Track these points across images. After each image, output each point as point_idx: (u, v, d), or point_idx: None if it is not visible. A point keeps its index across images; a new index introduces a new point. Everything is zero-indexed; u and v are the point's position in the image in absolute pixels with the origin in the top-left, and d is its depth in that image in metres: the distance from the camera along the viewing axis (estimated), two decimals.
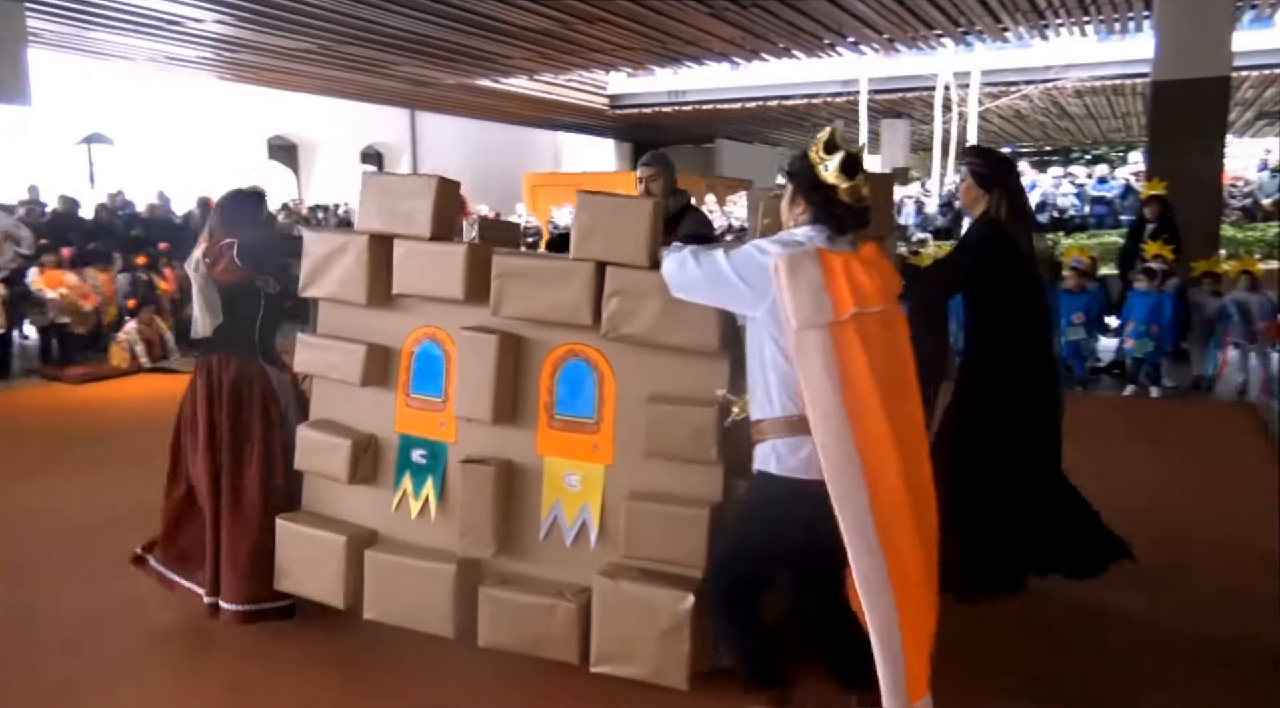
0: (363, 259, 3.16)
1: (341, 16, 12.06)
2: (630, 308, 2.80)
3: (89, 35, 12.92)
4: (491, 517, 2.98)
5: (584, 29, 13.24)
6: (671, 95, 21.22)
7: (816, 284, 2.37)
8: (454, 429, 3.12)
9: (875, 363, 2.36)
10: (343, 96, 19.52)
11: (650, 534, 2.81)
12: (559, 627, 2.88)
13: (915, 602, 2.36)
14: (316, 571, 3.22)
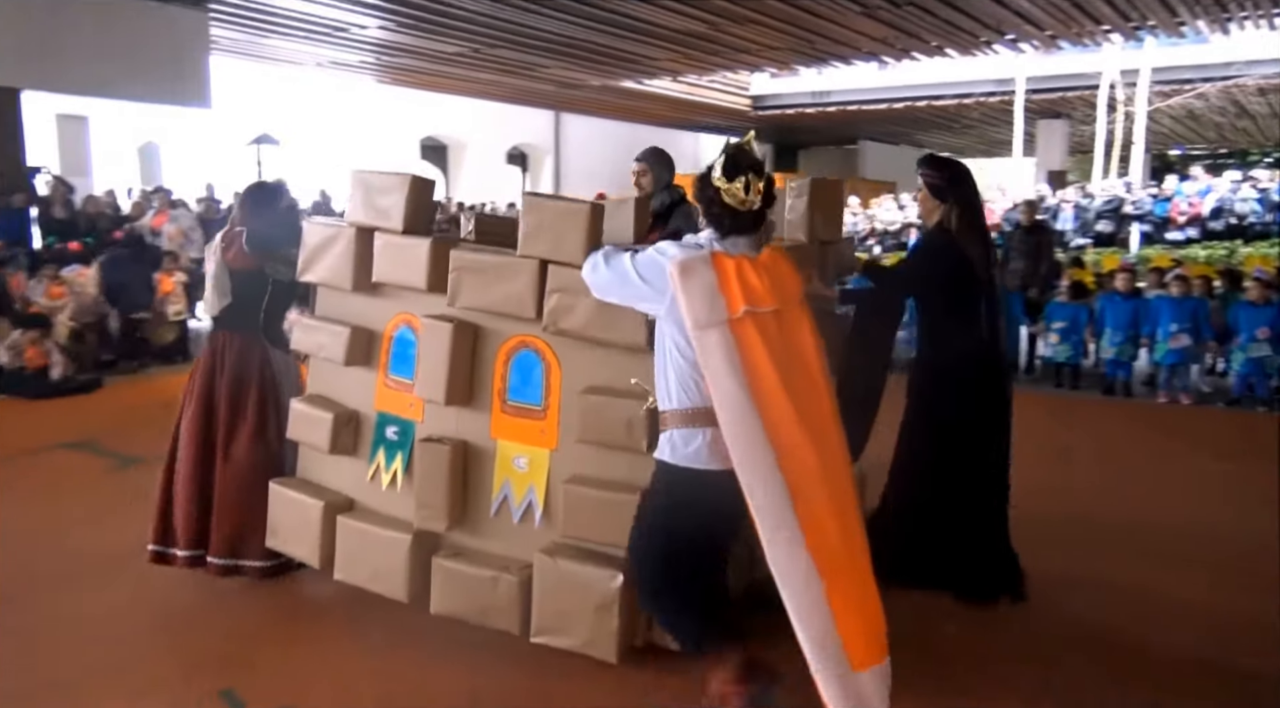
0: (349, 249, 3.44)
1: (495, 20, 12.38)
2: (568, 304, 2.99)
3: (263, 42, 13.69)
4: (446, 493, 3.20)
5: (732, 30, 13.15)
6: (815, 96, 20.88)
7: (710, 286, 2.51)
8: (421, 409, 3.35)
9: (775, 356, 2.50)
10: (491, 99, 20.06)
11: (585, 516, 3.00)
12: (502, 599, 3.10)
13: (844, 574, 2.47)
14: (299, 532, 3.53)
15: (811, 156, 29.35)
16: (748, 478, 2.46)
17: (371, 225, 3.40)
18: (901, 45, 14.16)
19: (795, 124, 23.52)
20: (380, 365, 3.47)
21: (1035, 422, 7.43)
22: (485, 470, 3.23)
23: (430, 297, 3.26)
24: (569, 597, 2.98)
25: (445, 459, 3.18)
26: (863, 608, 2.50)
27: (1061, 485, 5.30)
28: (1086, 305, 8.51)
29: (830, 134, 26.19)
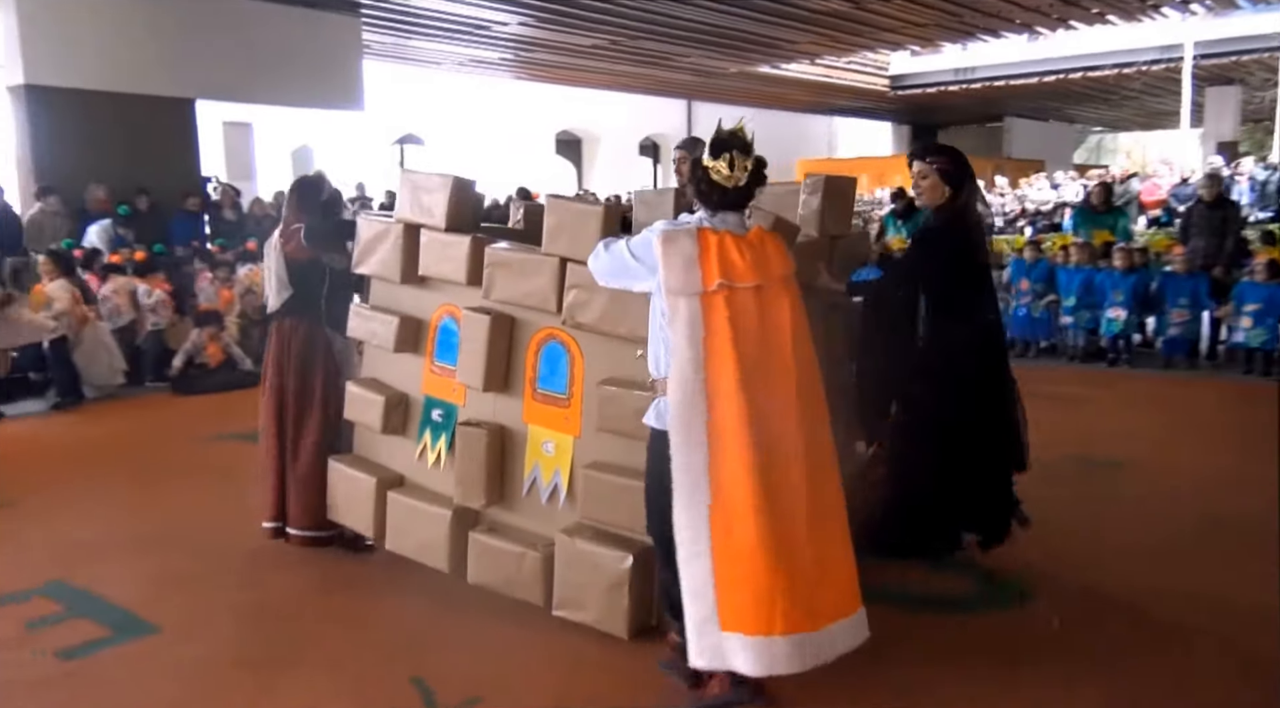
0: (398, 244, 3.72)
1: (634, 10, 12.35)
2: (585, 300, 3.19)
3: (409, 44, 14.11)
4: (482, 473, 3.45)
5: (875, 8, 12.74)
6: (958, 73, 20.02)
7: (690, 257, 2.65)
8: (463, 394, 3.60)
9: (740, 333, 2.63)
10: (626, 90, 20.10)
11: (602, 500, 3.20)
12: (527, 573, 3.34)
13: (755, 543, 2.57)
14: (355, 505, 3.84)
15: (951, 137, 28.22)
16: (677, 438, 2.64)
17: (418, 222, 3.67)
18: (1059, 14, 13.40)
19: (935, 103, 22.66)
20: (427, 352, 3.74)
21: (1222, 410, 6.92)
22: (518, 453, 3.48)
23: (470, 290, 3.52)
24: (585, 575, 3.19)
25: (482, 442, 3.45)
26: (783, 576, 2.58)
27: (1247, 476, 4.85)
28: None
29: (973, 112, 25.12)
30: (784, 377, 2.67)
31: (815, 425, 2.74)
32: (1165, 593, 3.60)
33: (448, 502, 3.57)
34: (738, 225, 2.74)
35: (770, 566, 2.58)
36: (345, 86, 12.00)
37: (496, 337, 3.42)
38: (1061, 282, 8.59)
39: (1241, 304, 7.89)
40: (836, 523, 2.73)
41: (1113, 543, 4.14)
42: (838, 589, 2.69)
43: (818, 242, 3.70)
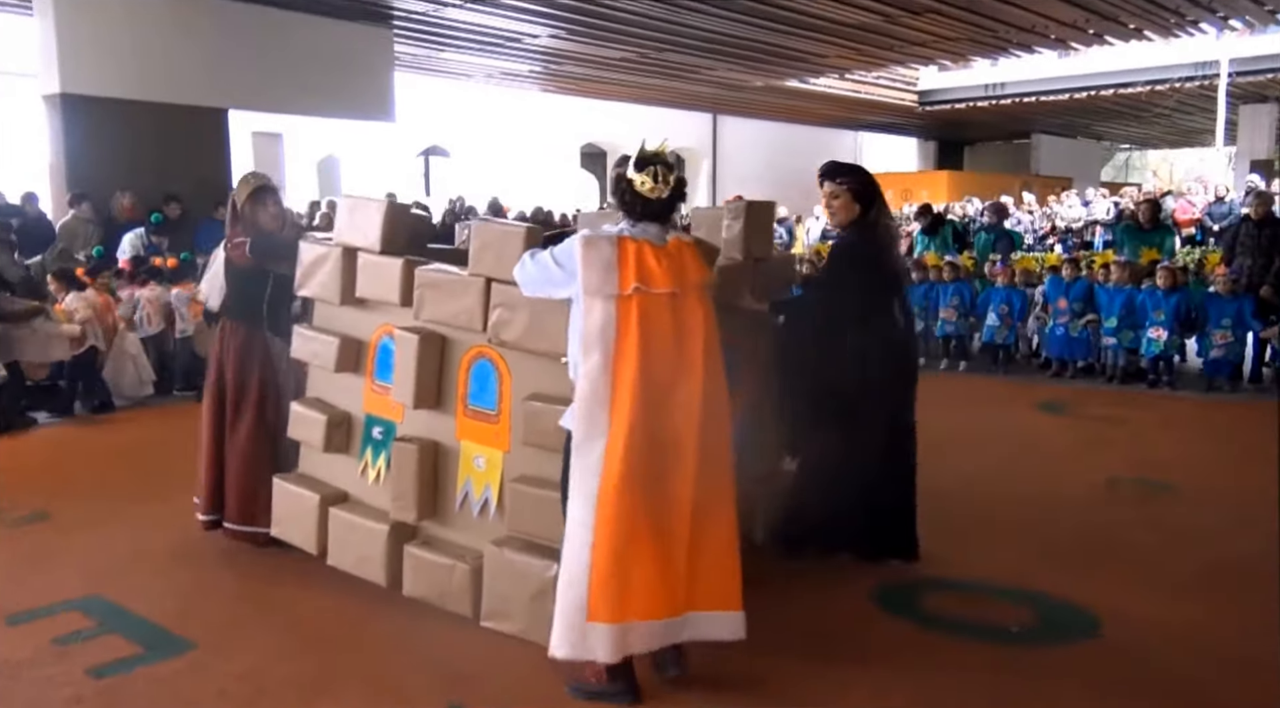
0: (337, 266, 3.86)
1: (663, 23, 12.31)
2: (508, 318, 3.33)
3: (440, 56, 14.13)
4: (415, 487, 3.58)
5: (907, 21, 12.62)
6: (988, 89, 19.89)
7: (609, 262, 2.81)
8: (401, 411, 3.72)
9: (651, 337, 2.79)
10: (651, 103, 20.07)
11: (527, 512, 3.33)
12: (458, 585, 3.45)
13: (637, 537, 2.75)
14: (298, 522, 3.95)
15: (979, 153, 28.09)
16: (579, 433, 2.81)
17: (355, 245, 3.81)
18: (1095, 29, 13.23)
19: (963, 119, 22.51)
20: (367, 371, 3.87)
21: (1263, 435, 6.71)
22: (451, 468, 3.60)
23: (404, 310, 3.67)
24: (512, 585, 3.30)
25: (414, 457, 3.58)
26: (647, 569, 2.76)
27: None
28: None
29: (1000, 128, 24.95)
30: (691, 381, 2.82)
31: (716, 430, 2.88)
32: (1239, 623, 3.45)
33: (386, 517, 3.69)
34: (658, 236, 2.90)
35: (638, 556, 2.76)
36: (376, 98, 12.02)
37: (427, 355, 3.56)
38: (1102, 301, 8.42)
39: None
40: (723, 525, 2.88)
41: (1179, 570, 3.99)
42: (714, 586, 2.87)
43: (741, 264, 3.87)
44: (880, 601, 3.70)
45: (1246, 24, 13.55)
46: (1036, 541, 4.35)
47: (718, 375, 2.90)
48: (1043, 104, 20.12)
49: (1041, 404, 7.54)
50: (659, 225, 2.93)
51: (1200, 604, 3.64)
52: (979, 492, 5.09)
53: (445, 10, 11.30)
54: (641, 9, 11.52)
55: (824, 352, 3.89)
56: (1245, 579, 3.86)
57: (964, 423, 6.87)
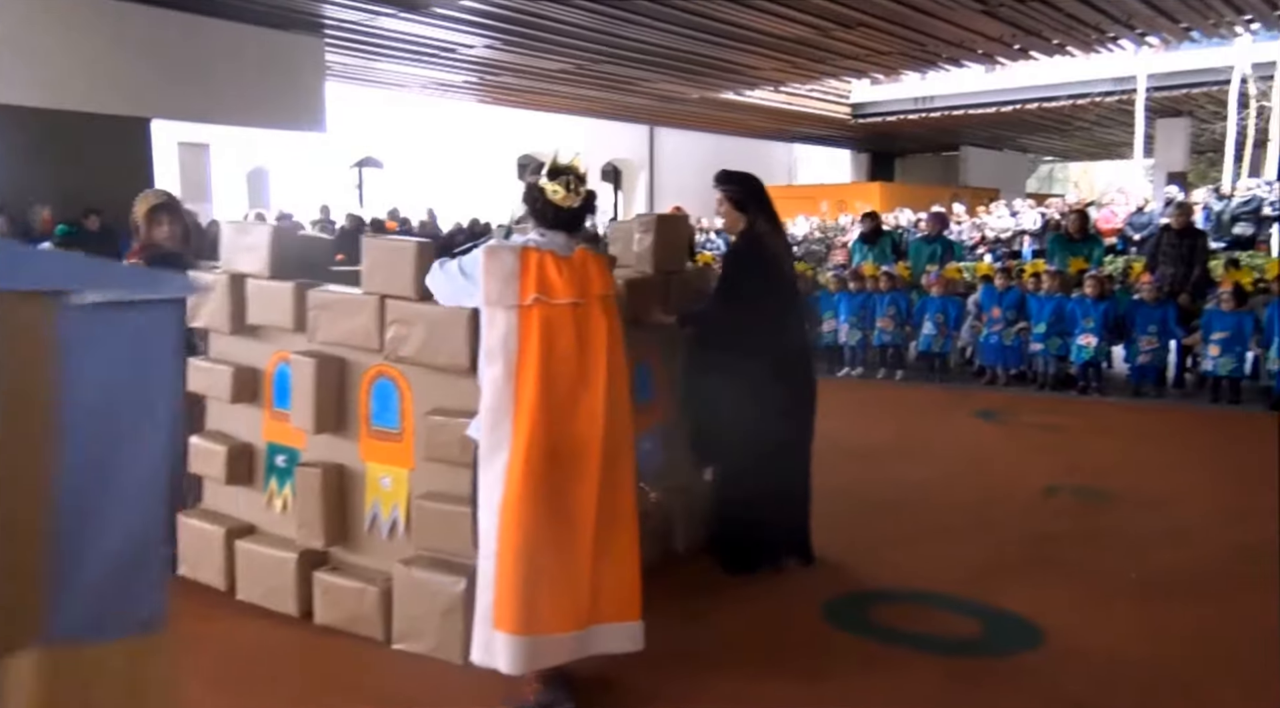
0: (225, 295, 3.81)
1: (601, 35, 12.30)
2: (404, 334, 3.32)
3: (374, 66, 13.91)
4: (320, 512, 3.54)
5: (840, 35, 12.81)
6: (918, 102, 20.33)
7: (510, 271, 2.82)
8: (303, 437, 3.67)
9: (551, 348, 2.79)
10: (589, 115, 20.07)
11: (434, 529, 3.31)
12: (368, 608, 3.41)
13: (542, 546, 2.75)
14: (205, 558, 3.86)
15: (909, 165, 28.66)
16: (484, 443, 2.84)
17: (243, 272, 3.77)
18: (1020, 44, 13.58)
19: (895, 132, 22.96)
20: (266, 400, 3.81)
21: (1196, 438, 6.94)
22: (358, 491, 3.58)
23: (299, 335, 3.63)
24: (421, 604, 3.27)
25: (317, 481, 3.54)
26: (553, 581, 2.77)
27: (1245, 508, 4.83)
28: (1252, 314, 7.89)
29: (930, 141, 25.51)
30: (594, 392, 2.83)
31: (619, 441, 2.90)
32: (1178, 633, 3.51)
33: (294, 545, 3.64)
34: (564, 246, 2.92)
35: (542, 568, 2.76)
36: (307, 108, 11.78)
37: (325, 379, 3.52)
38: (1033, 309, 8.61)
39: (1209, 333, 7.96)
40: (624, 535, 2.89)
41: (1118, 579, 4.04)
42: (614, 597, 2.87)
43: (652, 278, 3.89)
44: (828, 613, 3.68)
45: (1163, 40, 14.05)
46: (980, 550, 4.38)
47: (622, 387, 2.92)
48: (970, 117, 20.61)
49: (978, 412, 7.66)
50: (567, 235, 2.95)
51: (1139, 613, 3.69)
52: (923, 501, 5.13)
53: (378, 19, 11.12)
54: (578, 21, 11.50)
55: (721, 360, 3.90)
56: (1182, 588, 3.93)
57: (905, 432, 6.95)
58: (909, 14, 11.69)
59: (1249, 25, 13.06)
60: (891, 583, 3.95)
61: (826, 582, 3.96)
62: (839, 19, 11.86)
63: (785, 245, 4.23)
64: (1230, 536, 4.54)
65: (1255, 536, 4.50)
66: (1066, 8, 11.54)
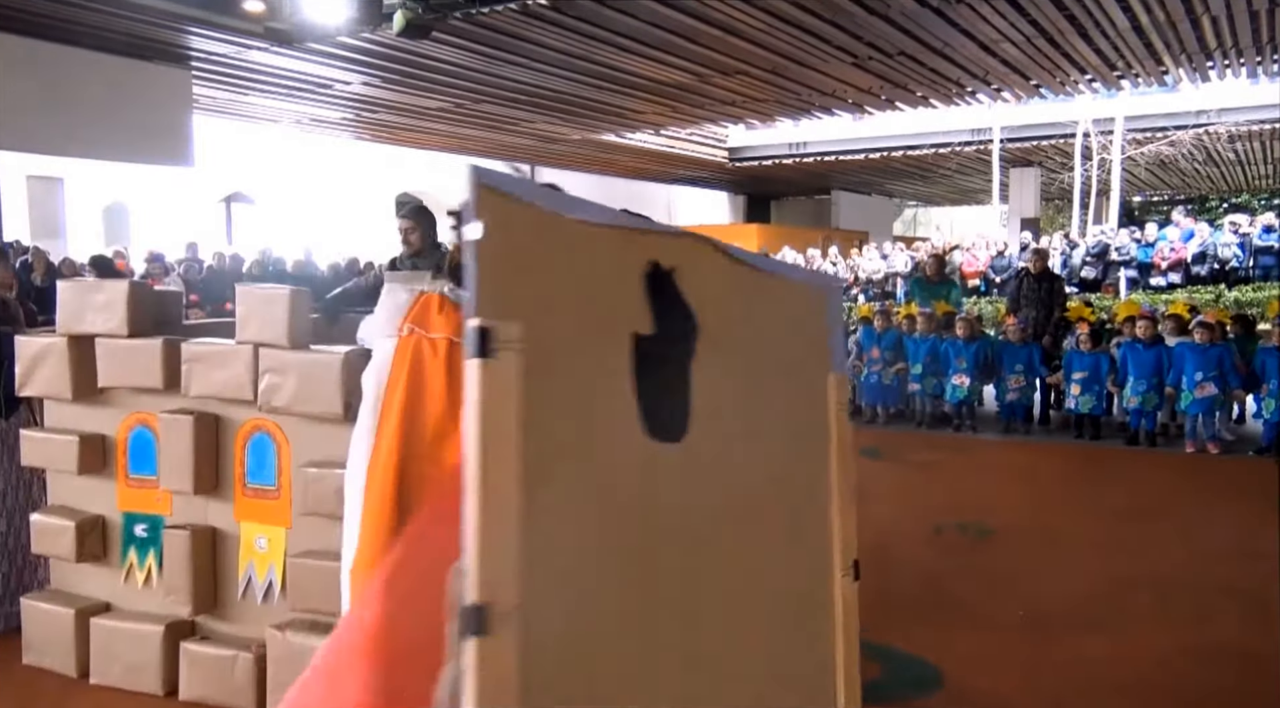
0: (64, 359, 3.58)
1: (481, 75, 12.24)
2: (277, 383, 3.22)
3: (244, 100, 13.42)
4: (189, 577, 3.36)
5: (718, 81, 13.14)
6: (792, 147, 21.00)
7: (400, 306, 2.97)
8: (169, 502, 3.51)
9: (419, 381, 2.87)
10: (469, 153, 19.88)
11: (310, 588, 3.13)
12: (240, 677, 3.23)
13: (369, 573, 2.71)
14: (53, 642, 3.59)
15: (784, 207, 29.55)
16: (351, 462, 2.88)
17: (90, 333, 3.55)
18: (887, 95, 14.24)
19: (770, 175, 23.65)
20: (119, 467, 3.59)
21: (1067, 473, 7.29)
22: (231, 554, 3.41)
23: (167, 393, 3.44)
24: (296, 669, 3.07)
25: (186, 544, 3.36)
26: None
27: (1117, 541, 5.08)
28: (1107, 354, 8.38)
29: (804, 185, 26.38)
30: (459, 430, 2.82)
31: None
32: (1069, 668, 3.62)
33: (159, 619, 3.44)
34: (460, 295, 2.99)
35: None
36: (173, 141, 11.24)
37: (202, 436, 3.37)
38: (910, 350, 8.92)
39: (1070, 372, 8.41)
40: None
41: (1008, 616, 4.14)
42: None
43: None
44: None
45: (1015, 95, 14.98)
46: (875, 591, 4.42)
47: None
48: (841, 163, 21.44)
49: (863, 450, 7.84)
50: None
51: (1033, 650, 3.80)
52: None
53: (249, 53, 10.75)
54: (457, 60, 11.41)
55: None
56: (1071, 623, 4.07)
57: None
58: (784, 64, 12.09)
59: (1090, 84, 14.05)
60: None
61: None
62: (718, 67, 12.16)
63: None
64: (1107, 568, 4.74)
65: (1131, 568, 4.71)
66: (930, 63, 12.17)
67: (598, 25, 10.08)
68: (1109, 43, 11.44)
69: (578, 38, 10.53)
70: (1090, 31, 10.89)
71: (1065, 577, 4.64)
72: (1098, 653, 3.73)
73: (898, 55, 11.73)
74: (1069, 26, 10.69)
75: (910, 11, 9.88)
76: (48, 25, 9.44)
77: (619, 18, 9.79)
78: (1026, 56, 11.94)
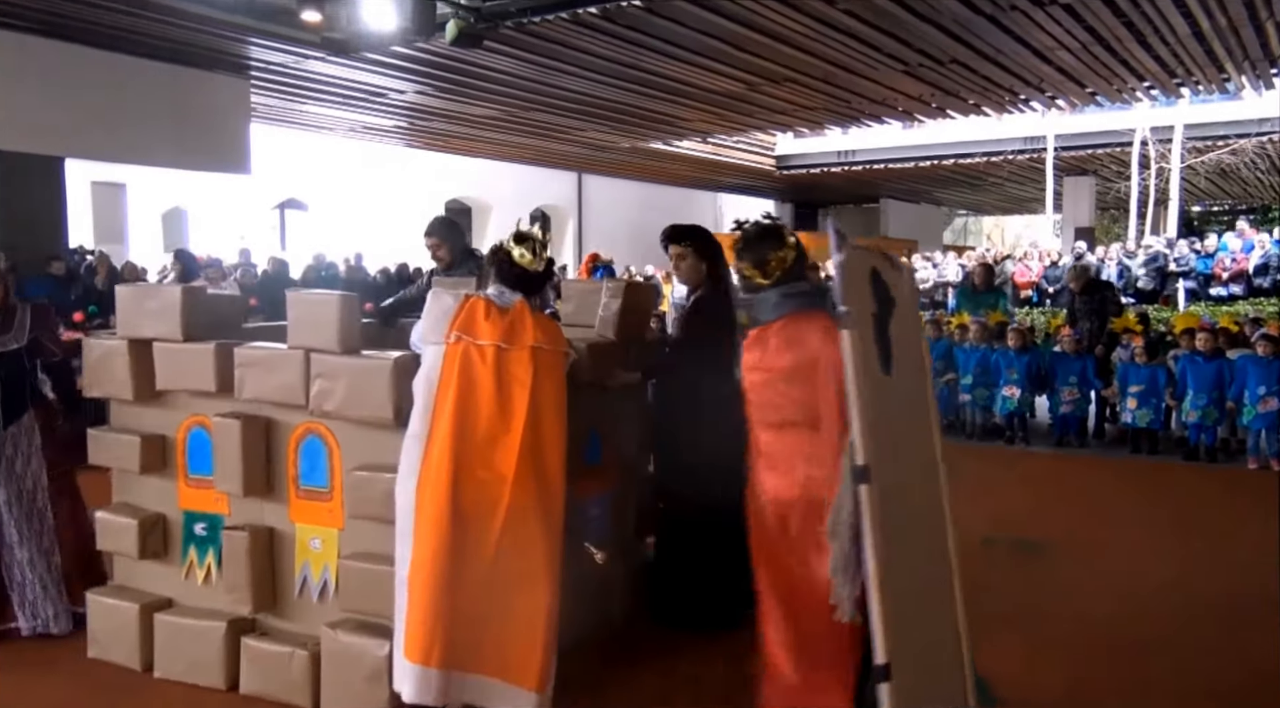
0: (124, 362, 3.70)
1: (531, 83, 12.33)
2: (329, 388, 3.28)
3: (300, 108, 13.68)
4: (248, 576, 3.43)
5: (767, 90, 13.09)
6: (841, 155, 20.88)
7: (446, 312, 3.04)
8: (226, 502, 3.59)
9: (469, 387, 2.94)
10: (517, 161, 20.08)
11: (360, 590, 3.23)
12: (297, 673, 3.29)
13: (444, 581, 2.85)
14: (117, 637, 3.69)
15: (832, 216, 29.37)
16: (400, 471, 2.96)
17: (147, 337, 3.66)
18: (938, 103, 14.08)
19: (817, 183, 23.52)
20: (179, 467, 3.69)
21: (1117, 489, 7.13)
22: (288, 554, 3.49)
23: (221, 396, 3.52)
24: (348, 668, 3.19)
25: (244, 545, 3.43)
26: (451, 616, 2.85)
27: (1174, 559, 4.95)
28: (1165, 366, 8.20)
29: (852, 193, 26.20)
30: (513, 434, 2.92)
31: (535, 495, 2.92)
32: (1122, 685, 3.54)
33: (220, 615, 3.52)
34: (504, 299, 3.11)
35: (440, 603, 2.83)
36: (231, 149, 11.50)
37: (251, 439, 3.44)
38: (960, 360, 8.80)
39: (1125, 385, 8.24)
40: (534, 597, 2.90)
41: (1062, 632, 4.07)
42: (510, 656, 2.88)
43: (613, 344, 3.86)
44: None
45: (1069, 103, 14.73)
46: None
47: (551, 438, 2.97)
48: (889, 171, 21.25)
49: None
50: (519, 295, 3.12)
51: (1081, 665, 3.73)
52: None
53: (306, 62, 10.95)
54: (509, 68, 11.51)
55: (685, 411, 3.90)
56: (1127, 643, 3.98)
57: None
58: (834, 72, 12.02)
59: (1149, 92, 13.77)
60: None
61: None
62: (767, 75, 12.12)
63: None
64: (1164, 585, 4.64)
65: (1188, 585, 4.60)
66: (982, 70, 12.01)
67: (647, 34, 10.11)
68: (1168, 49, 11.19)
69: (627, 46, 10.57)
70: (1149, 38, 10.66)
71: (1118, 593, 4.55)
72: (1152, 671, 3.66)
73: (950, 63, 11.58)
74: (1127, 33, 10.48)
75: (962, 18, 9.76)
76: (116, 37, 9.72)
77: (669, 26, 9.81)
78: (1083, 63, 11.72)
